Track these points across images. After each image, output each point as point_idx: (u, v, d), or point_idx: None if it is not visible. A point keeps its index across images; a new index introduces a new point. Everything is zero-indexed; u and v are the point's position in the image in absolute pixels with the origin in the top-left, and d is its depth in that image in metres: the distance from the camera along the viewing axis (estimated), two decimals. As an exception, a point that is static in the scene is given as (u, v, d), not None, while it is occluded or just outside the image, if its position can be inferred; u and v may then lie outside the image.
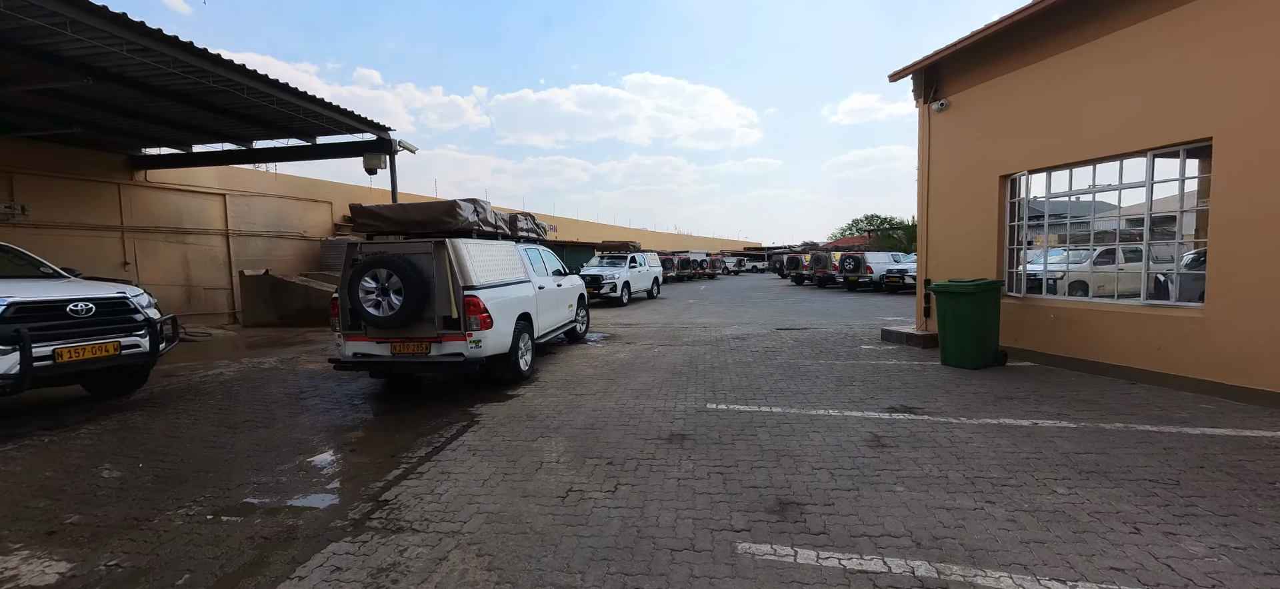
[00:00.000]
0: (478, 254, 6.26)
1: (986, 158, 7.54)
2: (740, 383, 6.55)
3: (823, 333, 10.51)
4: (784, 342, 9.53)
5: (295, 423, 5.45)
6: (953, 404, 5.42)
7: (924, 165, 8.62)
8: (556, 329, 8.84)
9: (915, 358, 7.69)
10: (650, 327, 12.16)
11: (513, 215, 7.91)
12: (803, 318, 13.30)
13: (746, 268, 48.13)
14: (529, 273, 7.72)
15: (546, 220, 30.18)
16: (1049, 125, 6.67)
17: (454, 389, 6.60)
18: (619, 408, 5.64)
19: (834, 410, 5.33)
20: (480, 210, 6.58)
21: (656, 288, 20.27)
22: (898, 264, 22.25)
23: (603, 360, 8.24)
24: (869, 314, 13.91)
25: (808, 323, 12.23)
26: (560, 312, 8.99)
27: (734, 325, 12.03)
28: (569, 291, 9.53)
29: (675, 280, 32.26)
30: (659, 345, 9.49)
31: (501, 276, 6.77)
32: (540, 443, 4.67)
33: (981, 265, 7.62)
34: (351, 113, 10.33)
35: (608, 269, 17.38)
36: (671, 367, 7.62)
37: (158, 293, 12.66)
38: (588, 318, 10.77)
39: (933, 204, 8.49)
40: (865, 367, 7.24)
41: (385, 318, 5.70)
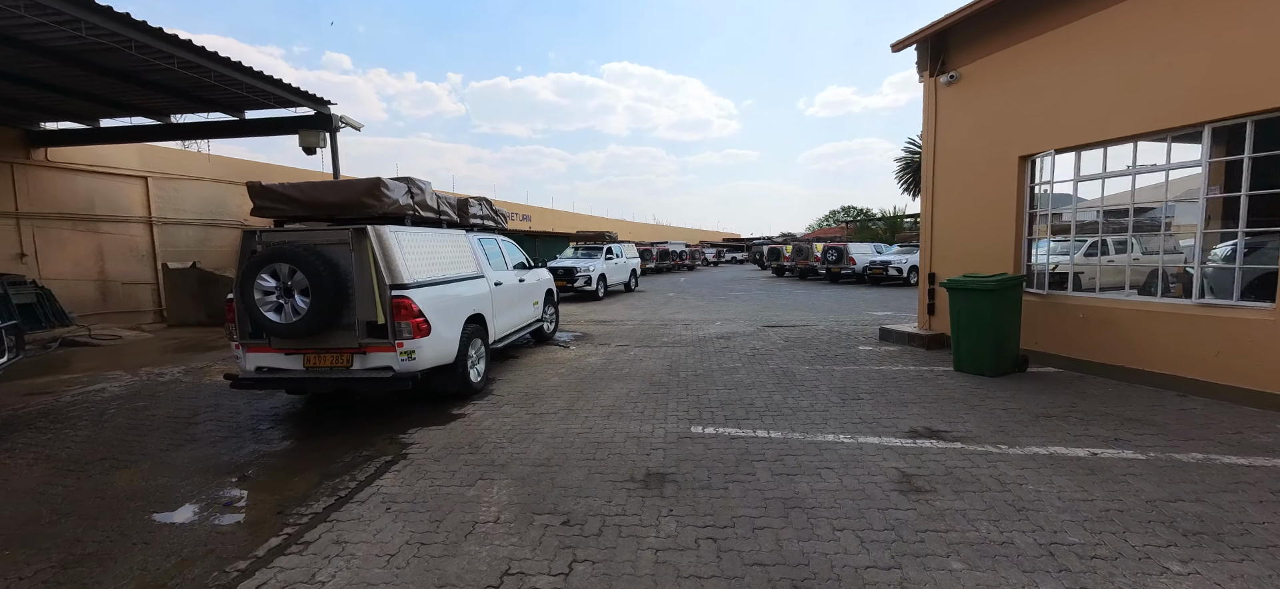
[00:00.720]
0: (412, 245, 5.11)
1: (1003, 136, 6.67)
2: (729, 396, 5.56)
3: (814, 331, 9.61)
4: (773, 342, 8.59)
5: (169, 461, 4.26)
6: (984, 425, 4.52)
7: (929, 146, 7.73)
8: (519, 330, 7.74)
9: (922, 362, 6.81)
10: (626, 324, 11.12)
11: (463, 200, 6.75)
12: (790, 313, 12.42)
13: (726, 259, 47.44)
14: (482, 267, 6.59)
15: (518, 209, 28.87)
16: (1081, 98, 5.80)
17: (389, 406, 5.46)
18: (584, 433, 4.59)
19: (845, 435, 4.38)
20: (417, 192, 5.41)
21: (634, 280, 19.23)
22: (880, 255, 21.64)
23: (571, 366, 7.17)
24: (857, 309, 13.11)
25: (796, 319, 11.34)
26: (523, 310, 7.88)
27: (717, 322, 11.07)
28: (534, 287, 8.42)
29: (654, 272, 31.26)
30: (635, 347, 8.46)
31: (446, 272, 5.63)
32: (479, 490, 3.59)
33: (995, 258, 6.76)
34: (283, 83, 8.97)
35: (582, 261, 16.26)
36: (649, 374, 6.60)
37: (65, 289, 11.11)
38: (557, 316, 9.67)
39: (939, 189, 7.61)
40: (869, 374, 6.32)
41: (288, 325, 4.53)
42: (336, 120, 9.72)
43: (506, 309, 7.16)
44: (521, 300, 7.80)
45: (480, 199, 7.25)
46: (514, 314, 7.47)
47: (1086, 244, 6.54)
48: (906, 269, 20.02)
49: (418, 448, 4.39)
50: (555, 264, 16.04)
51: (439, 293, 5.32)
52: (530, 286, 8.22)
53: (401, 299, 4.73)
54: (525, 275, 8.14)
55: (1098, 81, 5.65)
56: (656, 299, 16.50)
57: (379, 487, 3.70)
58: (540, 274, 8.96)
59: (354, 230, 4.67)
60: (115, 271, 11.80)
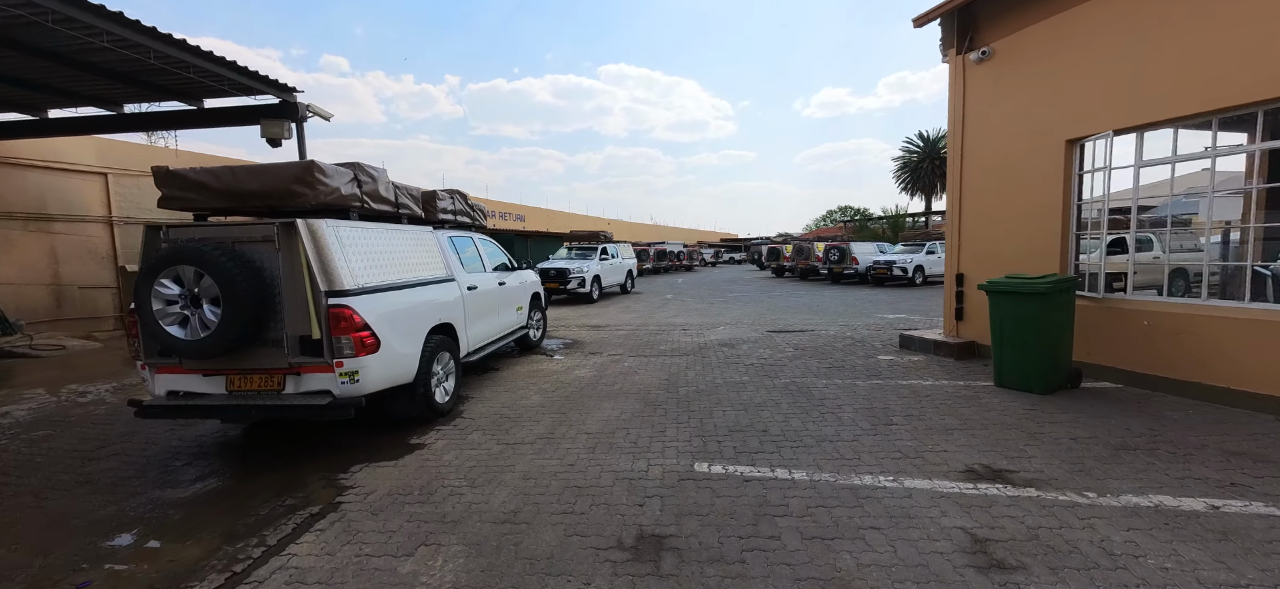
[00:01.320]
0: (358, 243, 4.21)
1: (1046, 118, 5.80)
2: (738, 420, 4.68)
3: (824, 337, 8.74)
4: (782, 350, 7.72)
5: (44, 515, 3.37)
6: (1057, 462, 3.65)
7: (955, 133, 6.87)
8: (500, 339, 6.85)
9: (955, 375, 5.94)
10: (621, 329, 10.23)
11: (429, 193, 5.85)
12: (795, 316, 11.55)
13: (724, 259, 46.61)
14: (453, 269, 5.70)
15: (512, 209, 28.03)
16: (1152, 67, 4.94)
17: (335, 434, 4.57)
18: (564, 472, 3.71)
19: (886, 476, 3.50)
20: (365, 179, 4.52)
21: (630, 282, 18.34)
22: (884, 255, 20.80)
23: (557, 380, 6.29)
24: (866, 311, 12.25)
25: (802, 323, 10.47)
26: (504, 317, 6.99)
27: (719, 327, 10.19)
28: (517, 291, 7.53)
29: (651, 272, 30.39)
30: (630, 357, 7.57)
31: (404, 275, 4.74)
32: (418, 562, 2.71)
33: (1036, 256, 5.91)
34: (244, 68, 8.07)
35: (576, 262, 15.37)
36: (645, 390, 5.72)
37: (14, 295, 10.19)
38: (545, 321, 8.78)
39: (968, 180, 6.74)
40: (898, 390, 5.45)
41: (193, 343, 3.63)
42: (303, 109, 8.81)
43: (483, 316, 6.28)
44: (502, 306, 6.91)
45: (453, 192, 6.35)
46: (492, 322, 6.58)
47: (1153, 239, 5.67)
48: (911, 269, 19.19)
49: (356, 494, 3.50)
50: (547, 265, 15.16)
51: (394, 300, 4.43)
52: (513, 290, 7.33)
53: (340, 308, 3.84)
54: (507, 278, 7.25)
55: (1173, 47, 4.79)
56: (654, 301, 15.62)
57: (290, 557, 2.81)
58: (525, 276, 8.07)
59: (280, 225, 3.77)
60: (71, 275, 10.86)
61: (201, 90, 8.97)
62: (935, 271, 20.04)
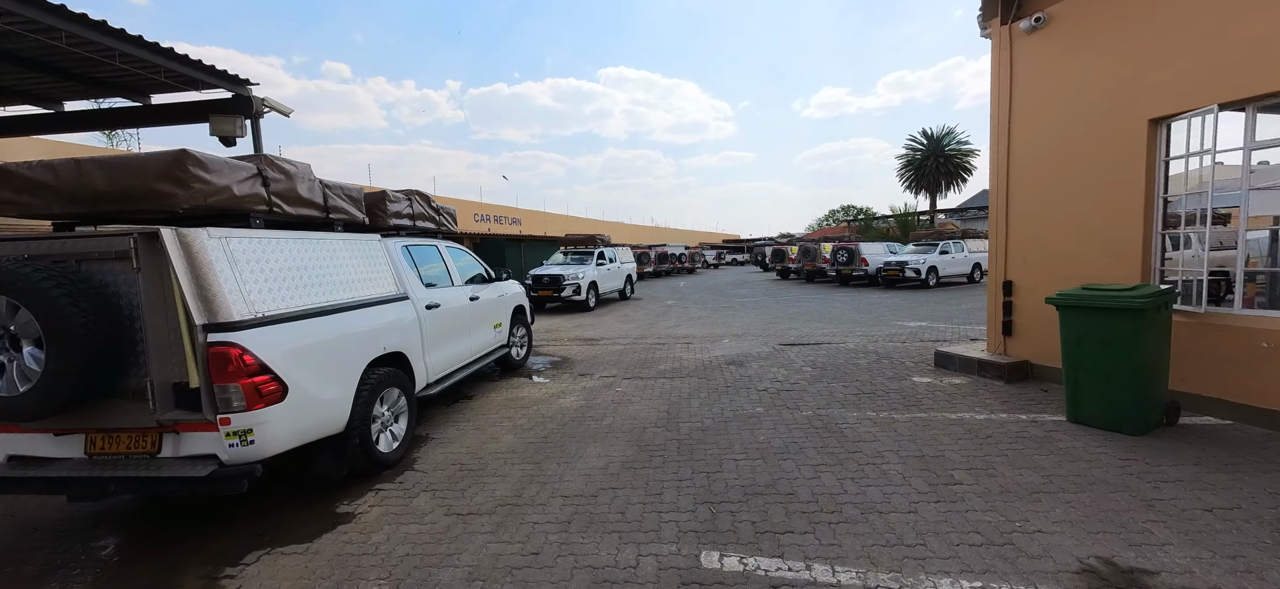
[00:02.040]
0: (260, 258, 3.21)
1: (1121, 93, 4.77)
2: (755, 474, 3.66)
3: (844, 351, 7.70)
4: (798, 369, 6.68)
5: None
6: (1204, 552, 2.61)
7: (1000, 115, 5.83)
8: (472, 363, 5.85)
9: (1013, 405, 4.90)
10: (617, 343, 9.21)
11: (377, 194, 4.83)
12: (806, 324, 10.50)
13: (726, 261, 45.62)
14: (406, 285, 4.69)
15: (507, 213, 27.00)
16: (1264, 26, 3.90)
17: (241, 499, 3.56)
18: (525, 566, 2.70)
19: (971, 580, 2.47)
20: (275, 176, 3.50)
21: (629, 287, 17.32)
22: (895, 256, 19.73)
23: (537, 413, 5.28)
24: (883, 318, 11.19)
25: (816, 333, 9.43)
26: (477, 337, 5.99)
27: (724, 339, 9.16)
28: (494, 306, 6.53)
29: (652, 276, 29.39)
30: (625, 379, 6.55)
31: (333, 296, 3.74)
32: None
33: (1106, 260, 4.87)
34: (191, 59, 7.11)
35: (570, 267, 14.35)
36: (639, 428, 4.70)
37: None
38: (530, 338, 7.76)
39: (1016, 171, 5.70)
40: (948, 427, 4.41)
41: (10, 399, 2.64)
42: (258, 103, 7.83)
43: (449, 339, 5.27)
44: (474, 325, 5.90)
45: (412, 193, 5.34)
46: (461, 344, 5.57)
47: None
48: (924, 270, 18.11)
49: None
50: (540, 271, 14.15)
51: (313, 331, 3.42)
52: (488, 306, 6.33)
53: (224, 347, 2.83)
54: (482, 291, 6.25)
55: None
56: (654, 308, 14.60)
57: None
58: (506, 288, 7.07)
59: (140, 236, 2.77)
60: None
61: (148, 85, 8.01)
62: (949, 273, 18.96)
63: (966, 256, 19.60)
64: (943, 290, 17.14)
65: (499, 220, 27.39)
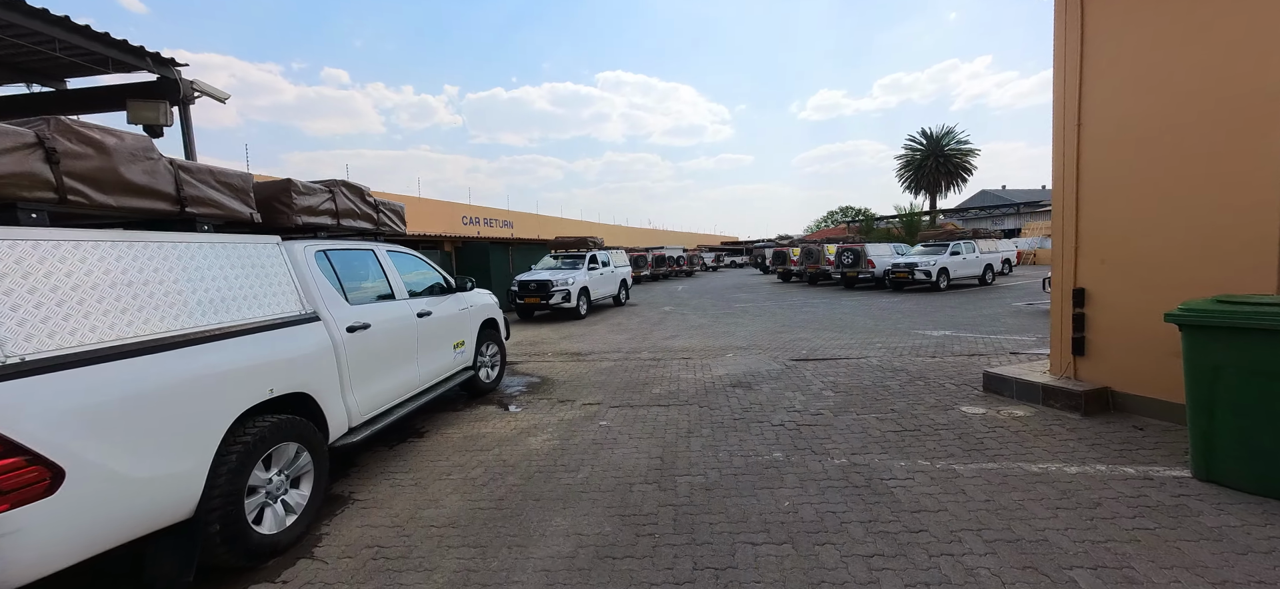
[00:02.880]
0: (27, 273, 2.07)
1: (1246, 52, 3.65)
2: (785, 571, 2.53)
3: (867, 369, 6.57)
4: (817, 393, 5.56)
5: None
6: None
7: (1067, 83, 4.71)
8: (424, 393, 4.73)
9: (1105, 449, 3.78)
10: (607, 358, 8.08)
11: (279, 185, 3.67)
12: (818, 334, 9.38)
13: (725, 263, 44.54)
14: (319, 301, 3.56)
15: (499, 215, 25.85)
16: None
17: None
18: None
19: None
20: (79, 151, 2.36)
21: (624, 292, 16.18)
22: (903, 257, 18.62)
23: (496, 460, 4.15)
24: (900, 326, 10.06)
25: (830, 345, 8.30)
26: (429, 361, 4.85)
27: (728, 353, 8.03)
28: (455, 322, 5.40)
29: (649, 279, 28.28)
30: (612, 407, 5.43)
31: (180, 321, 2.61)
32: None
33: (1227, 263, 3.76)
34: (103, 35, 6.00)
35: (560, 272, 13.21)
36: (623, 486, 3.57)
37: None
38: (504, 356, 6.62)
39: (1089, 152, 4.58)
40: (1032, 486, 3.29)
41: None
42: (186, 87, 6.71)
43: (386, 367, 4.14)
44: (426, 346, 4.77)
45: (335, 184, 4.17)
46: (406, 372, 4.44)
47: None
48: (935, 272, 17.01)
49: None
50: (526, 277, 13.01)
51: (128, 379, 2.29)
52: (446, 322, 5.19)
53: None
54: (439, 305, 5.12)
55: None
56: (650, 315, 13.47)
57: None
58: (473, 300, 5.93)
59: None
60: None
61: (62, 67, 6.88)
62: (960, 275, 17.86)
63: (978, 257, 18.51)
64: (956, 294, 16.03)
65: (489, 223, 26.24)
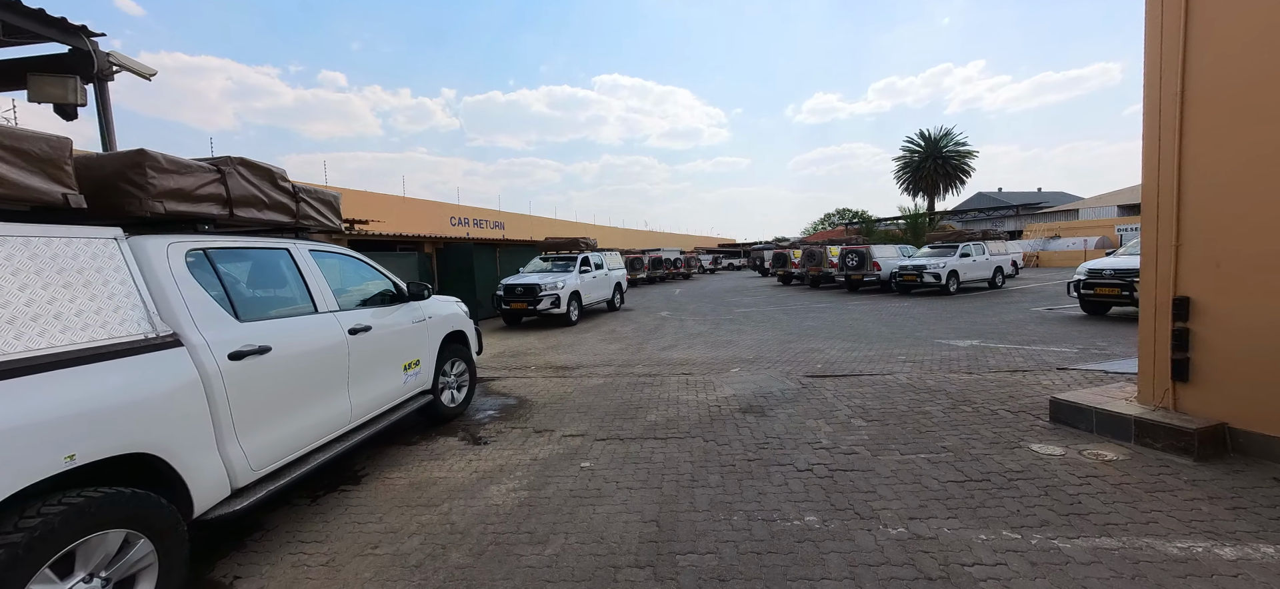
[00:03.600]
0: None
1: None
2: None
3: (896, 389, 5.59)
4: (844, 420, 4.57)
5: None
6: None
7: (1169, 42, 3.74)
8: (359, 430, 3.73)
9: (1255, 519, 2.81)
10: (596, 374, 7.07)
11: (127, 157, 2.64)
12: (831, 344, 8.40)
13: (722, 265, 43.63)
14: (186, 320, 2.55)
15: (489, 216, 24.81)
16: None
17: None
18: None
19: None
20: None
21: (619, 297, 15.17)
22: (910, 260, 17.68)
23: (442, 524, 3.15)
24: (918, 334, 9.10)
25: (846, 357, 7.32)
26: (368, 389, 3.84)
27: (733, 368, 7.04)
28: (404, 339, 4.39)
29: (645, 282, 27.30)
30: (598, 440, 4.43)
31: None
32: None
33: None
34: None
35: (549, 276, 12.18)
36: (606, 568, 2.57)
37: None
38: (472, 375, 5.60)
39: (1200, 127, 3.60)
40: (1180, 582, 2.30)
41: None
42: (104, 60, 5.69)
43: (296, 403, 3.13)
44: (363, 371, 3.76)
45: (226, 162, 3.13)
46: (329, 406, 3.42)
47: None
48: (944, 275, 16.07)
49: None
50: (513, 280, 11.98)
51: None
52: (393, 339, 4.19)
53: None
54: (384, 318, 4.11)
55: None
56: (646, 322, 12.47)
57: None
58: (433, 309, 4.93)
59: None
60: None
61: (-42, 37, 5.84)
62: (970, 278, 16.93)
63: (988, 260, 17.60)
64: (968, 298, 15.09)
65: (479, 224, 25.17)
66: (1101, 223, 32.67)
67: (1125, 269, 9.80)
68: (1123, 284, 9.76)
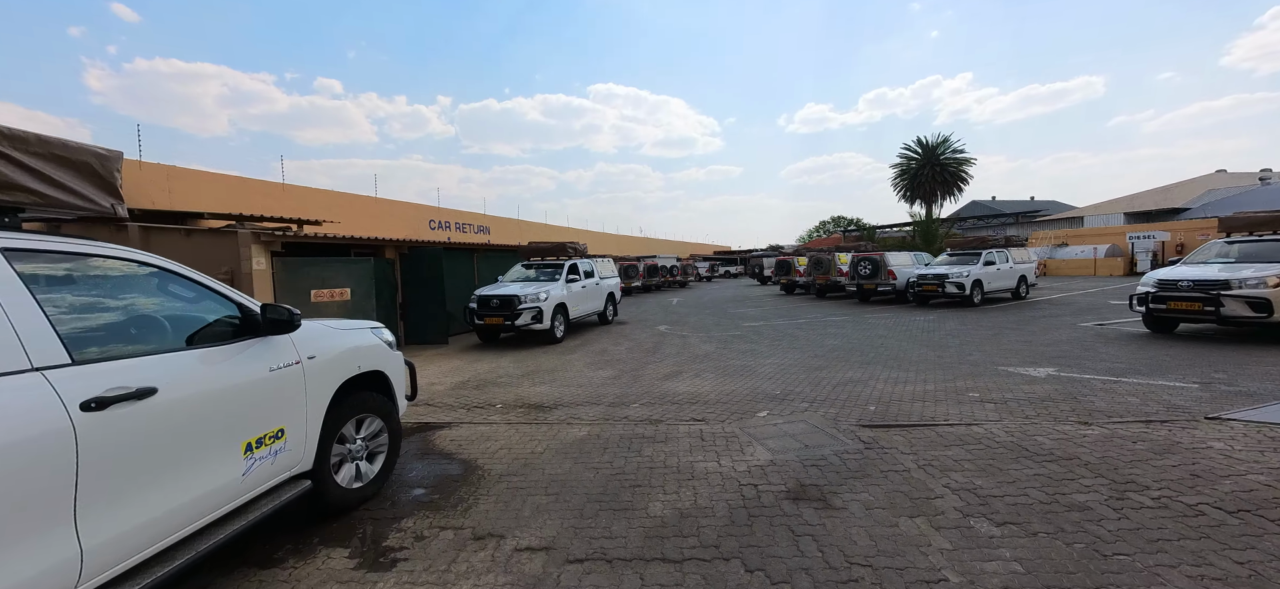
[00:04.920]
0: None
1: None
2: None
3: (1000, 451, 3.87)
4: (961, 525, 2.84)
5: None
6: None
7: None
8: (131, 576, 1.92)
9: None
10: (579, 419, 5.30)
11: None
12: (868, 372, 6.68)
13: (719, 273, 42.06)
14: None
15: (473, 220, 23.07)
16: None
17: None
18: None
19: None
20: None
21: (612, 308, 13.38)
22: (928, 268, 16.06)
23: None
24: (972, 358, 7.42)
25: (901, 395, 5.60)
26: (159, 498, 2.06)
27: (760, 409, 5.29)
28: (253, 397, 2.61)
29: (641, 290, 25.56)
30: (572, 560, 2.66)
31: None
32: None
33: None
34: None
35: (531, 286, 10.38)
36: None
37: None
38: (393, 441, 3.80)
39: None
40: None
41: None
42: None
43: None
44: (131, 475, 1.98)
45: None
46: (28, 560, 1.62)
47: None
48: (969, 285, 14.45)
49: None
50: (489, 291, 10.18)
51: None
52: (216, 402, 2.40)
53: None
54: (188, 373, 2.34)
55: None
56: (642, 338, 10.71)
57: None
58: (311, 345, 3.15)
59: None
60: None
61: None
62: (994, 288, 15.31)
63: (1012, 268, 16.00)
64: (996, 311, 13.48)
65: (462, 227, 23.31)
66: (1110, 231, 31.31)
67: (1208, 280, 8.18)
68: (1205, 298, 8.13)
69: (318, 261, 8.50)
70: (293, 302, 8.33)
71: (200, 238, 8.12)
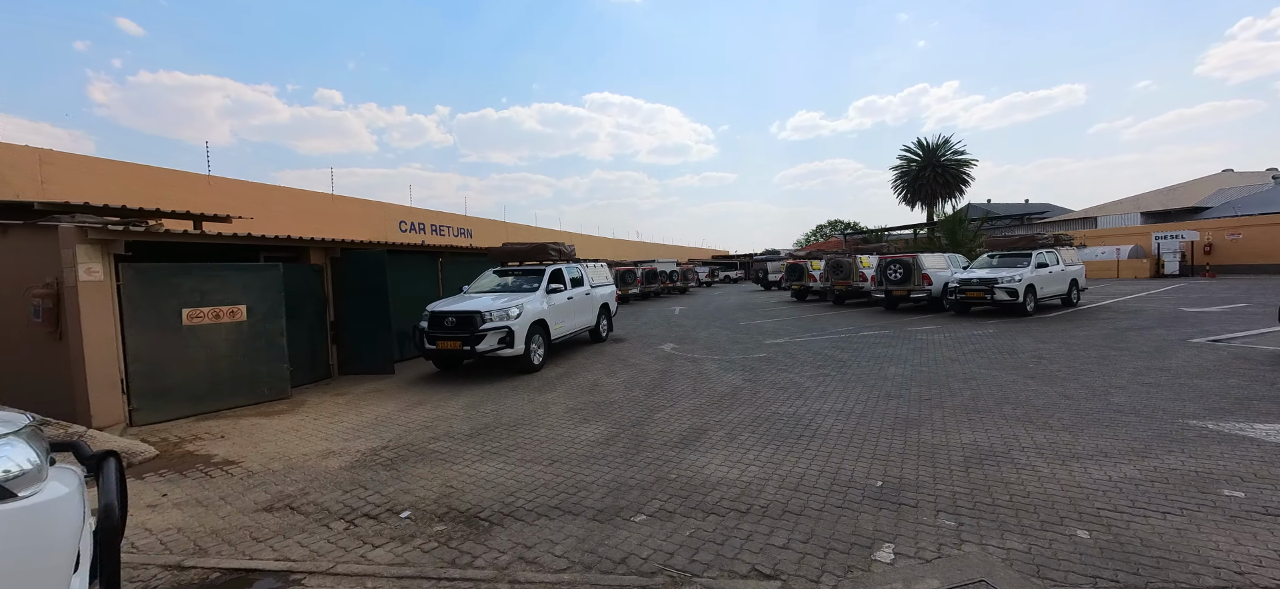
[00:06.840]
0: None
1: None
2: None
3: None
4: None
5: None
6: None
7: None
8: None
9: None
10: (533, 564, 2.79)
11: None
12: (991, 424, 4.24)
13: (720, 278, 39.70)
14: None
15: (452, 221, 20.11)
16: None
17: None
18: None
19: None
20: None
21: (606, 323, 10.81)
22: (969, 271, 13.66)
23: None
24: (1094, 386, 4.97)
25: (1081, 482, 3.16)
26: None
27: (867, 517, 2.82)
28: None
29: (639, 298, 23.06)
30: None
31: None
32: None
33: None
34: None
35: (500, 299, 7.85)
36: None
37: None
38: None
39: None
40: None
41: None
42: None
43: None
44: None
45: None
46: None
47: None
48: (1021, 291, 12.04)
49: None
50: (443, 306, 7.64)
51: None
52: None
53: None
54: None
55: None
56: (644, 363, 8.20)
57: None
58: None
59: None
60: None
61: None
62: (1046, 294, 12.94)
63: (1063, 271, 13.65)
64: (1051, 320, 11.07)
65: (438, 230, 20.73)
66: (1130, 231, 29.14)
67: None
68: None
69: (196, 269, 5.97)
70: (155, 325, 5.78)
71: (18, 237, 5.58)
